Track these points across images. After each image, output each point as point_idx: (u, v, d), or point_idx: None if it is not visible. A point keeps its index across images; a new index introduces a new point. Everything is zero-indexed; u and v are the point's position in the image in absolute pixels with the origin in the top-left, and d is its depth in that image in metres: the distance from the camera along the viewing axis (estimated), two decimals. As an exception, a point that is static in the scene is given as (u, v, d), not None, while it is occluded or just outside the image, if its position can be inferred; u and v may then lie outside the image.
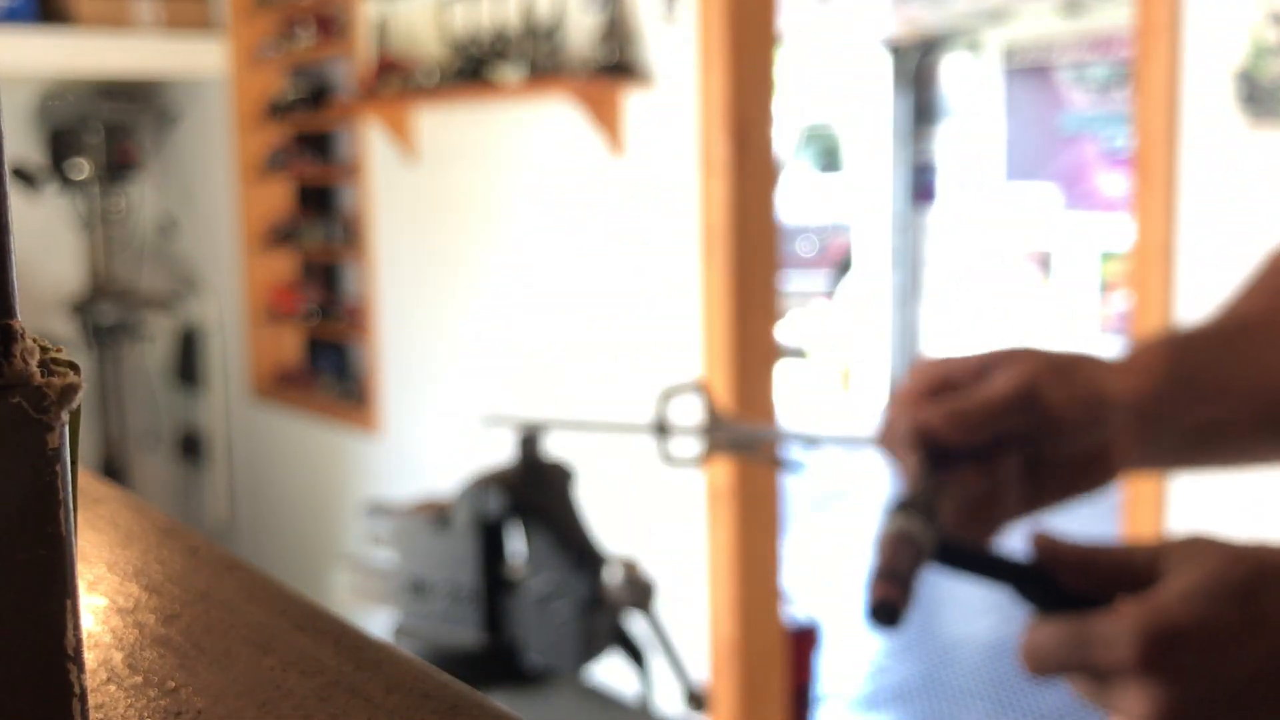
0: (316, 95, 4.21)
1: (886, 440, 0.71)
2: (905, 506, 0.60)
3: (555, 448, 2.01)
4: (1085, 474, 0.72)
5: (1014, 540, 0.67)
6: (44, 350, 0.30)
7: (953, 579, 0.60)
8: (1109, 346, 7.20)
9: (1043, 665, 0.58)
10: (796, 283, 8.59)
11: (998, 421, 0.67)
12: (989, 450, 0.68)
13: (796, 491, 5.96)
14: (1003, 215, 7.82)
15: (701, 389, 1.56)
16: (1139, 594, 0.56)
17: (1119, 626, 0.55)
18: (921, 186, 8.31)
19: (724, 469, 2.88)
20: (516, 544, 1.83)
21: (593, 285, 3.25)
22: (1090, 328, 7.50)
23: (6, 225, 0.29)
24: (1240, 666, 0.54)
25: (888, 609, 0.55)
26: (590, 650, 1.77)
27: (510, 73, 3.18)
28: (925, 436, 0.67)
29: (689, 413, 1.72)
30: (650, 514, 3.13)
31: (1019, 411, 0.68)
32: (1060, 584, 0.58)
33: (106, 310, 4.78)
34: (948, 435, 0.66)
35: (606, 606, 1.75)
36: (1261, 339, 0.78)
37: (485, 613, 1.79)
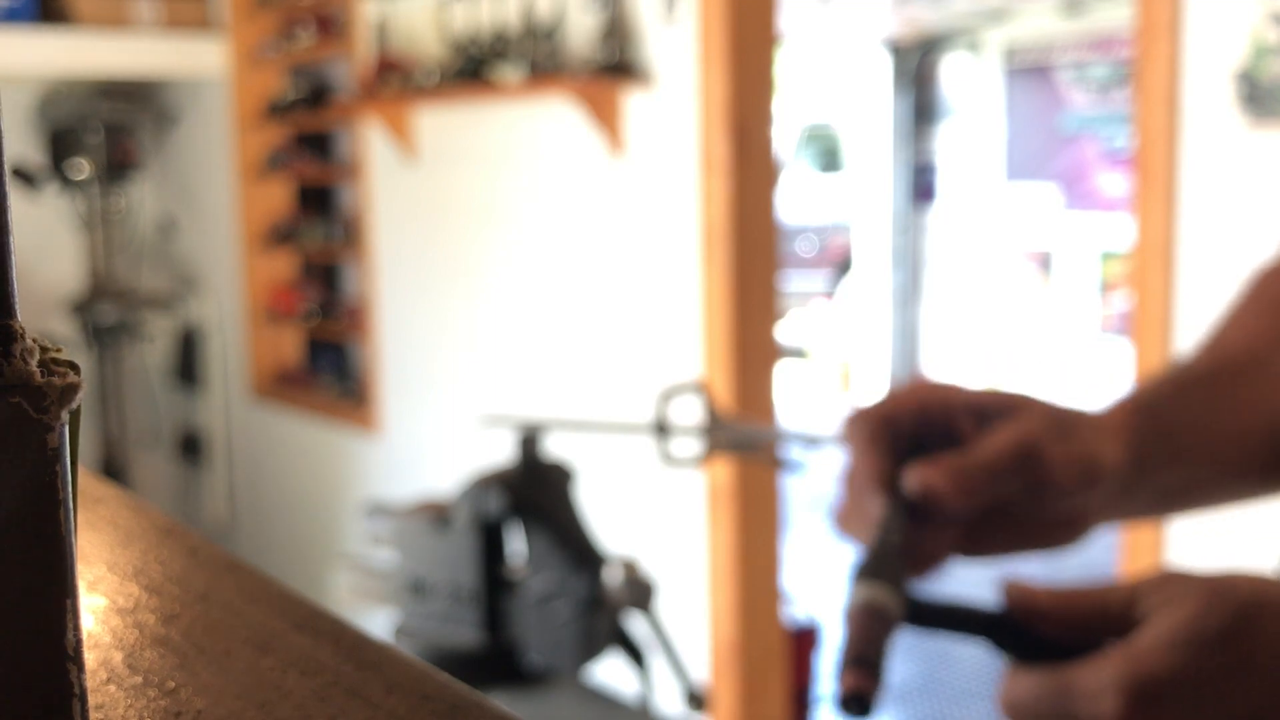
0: (316, 95, 4.21)
1: (856, 440, 0.67)
2: (869, 570, 0.57)
3: (555, 448, 2.01)
4: (1054, 532, 0.70)
5: (981, 590, 0.66)
6: (44, 350, 0.30)
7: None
8: (1108, 347, 7.21)
9: (1023, 717, 0.56)
10: (796, 283, 8.59)
11: (997, 483, 0.65)
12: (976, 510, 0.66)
13: (796, 491, 5.96)
14: (1003, 215, 7.82)
15: (701, 389, 1.56)
16: (1118, 640, 0.55)
17: (1100, 677, 0.53)
18: (921, 186, 8.31)
19: (724, 469, 2.88)
20: (516, 544, 1.83)
21: (593, 285, 3.26)
22: (1090, 328, 7.51)
23: (6, 225, 0.29)
24: (1227, 713, 0.53)
25: (859, 700, 0.52)
26: (590, 650, 1.77)
27: (510, 73, 3.18)
28: (931, 500, 0.64)
29: (689, 413, 1.72)
30: (650, 514, 3.13)
31: (1018, 471, 0.65)
32: (1036, 632, 0.57)
33: (106, 310, 4.78)
34: (949, 499, 0.64)
35: (606, 606, 1.75)
36: (1248, 377, 0.76)
37: (485, 613, 1.79)
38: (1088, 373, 7.38)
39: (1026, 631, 0.57)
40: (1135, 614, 0.55)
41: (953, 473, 0.64)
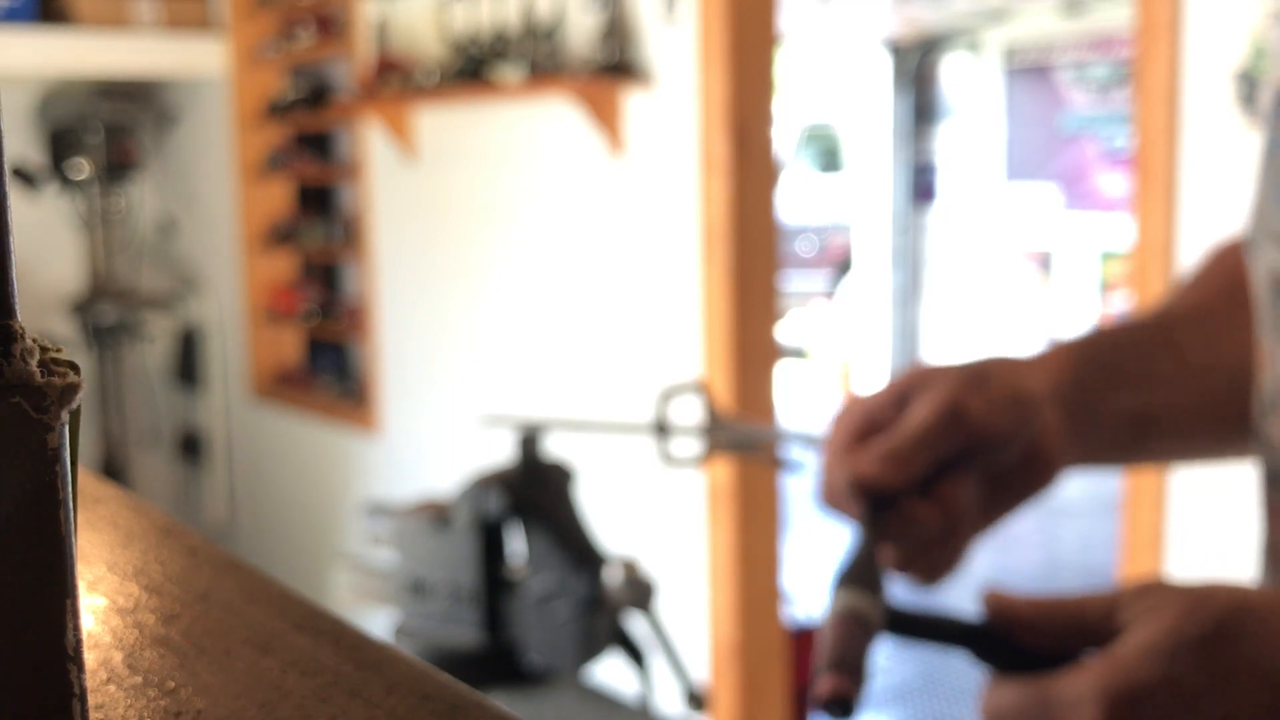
0: (316, 95, 4.21)
1: (829, 499, 0.70)
2: (849, 579, 0.58)
3: (555, 448, 2.01)
4: (1027, 476, 0.71)
5: (963, 600, 0.66)
6: (44, 350, 0.30)
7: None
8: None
9: None
10: (796, 283, 8.59)
11: (929, 449, 0.66)
12: (930, 481, 0.67)
13: (796, 491, 5.95)
14: (1003, 215, 7.82)
15: (701, 389, 1.56)
16: (1099, 650, 0.55)
17: (1081, 687, 0.53)
18: (921, 186, 8.31)
19: (724, 469, 2.88)
20: (516, 544, 1.83)
21: (593, 285, 3.26)
22: (1090, 328, 7.50)
23: (6, 225, 0.29)
24: None
25: (842, 703, 0.53)
26: (590, 650, 1.77)
27: (510, 73, 3.18)
28: (864, 487, 0.66)
29: (689, 413, 1.72)
30: (650, 514, 3.13)
31: (946, 433, 0.67)
32: (1016, 643, 0.57)
33: (106, 310, 4.78)
34: (885, 479, 0.66)
35: (606, 606, 1.75)
36: (1192, 332, 0.77)
37: (485, 613, 1.79)
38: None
39: (1007, 642, 0.57)
40: (1115, 624, 0.56)
41: (879, 455, 0.66)
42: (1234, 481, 2.14)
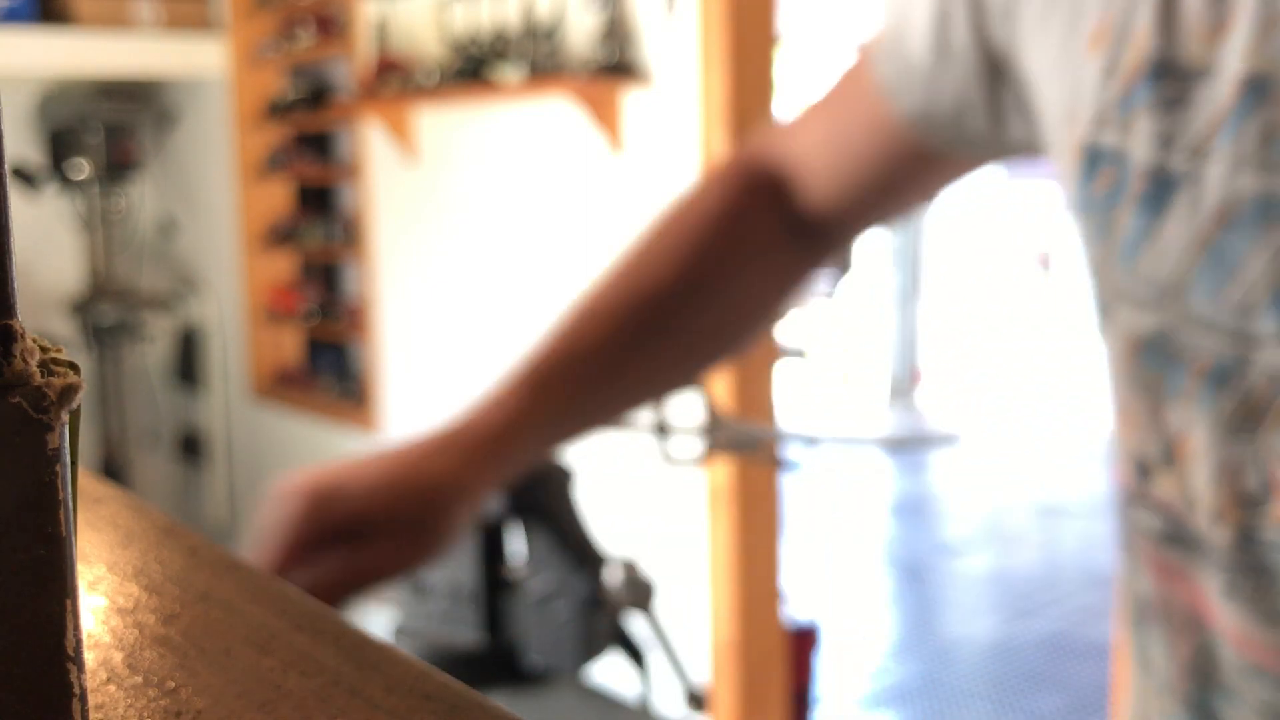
0: (316, 95, 4.21)
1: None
2: None
3: (555, 448, 2.01)
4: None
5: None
6: (44, 350, 0.30)
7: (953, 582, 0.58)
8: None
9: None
10: (796, 283, 8.58)
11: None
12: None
13: (796, 491, 5.96)
14: (1003, 214, 7.82)
15: (701, 389, 1.56)
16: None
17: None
18: (921, 186, 8.31)
19: (724, 469, 2.88)
20: (516, 544, 1.83)
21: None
22: (1091, 327, 7.51)
23: (6, 225, 0.29)
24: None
25: None
26: (590, 650, 1.77)
27: (510, 73, 3.18)
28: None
29: (689, 413, 1.72)
30: (650, 514, 3.13)
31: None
32: None
33: (106, 310, 4.78)
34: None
35: (606, 606, 1.75)
36: (675, 312, 0.81)
37: (485, 613, 1.79)
38: (1088, 372, 7.38)
39: None
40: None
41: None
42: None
